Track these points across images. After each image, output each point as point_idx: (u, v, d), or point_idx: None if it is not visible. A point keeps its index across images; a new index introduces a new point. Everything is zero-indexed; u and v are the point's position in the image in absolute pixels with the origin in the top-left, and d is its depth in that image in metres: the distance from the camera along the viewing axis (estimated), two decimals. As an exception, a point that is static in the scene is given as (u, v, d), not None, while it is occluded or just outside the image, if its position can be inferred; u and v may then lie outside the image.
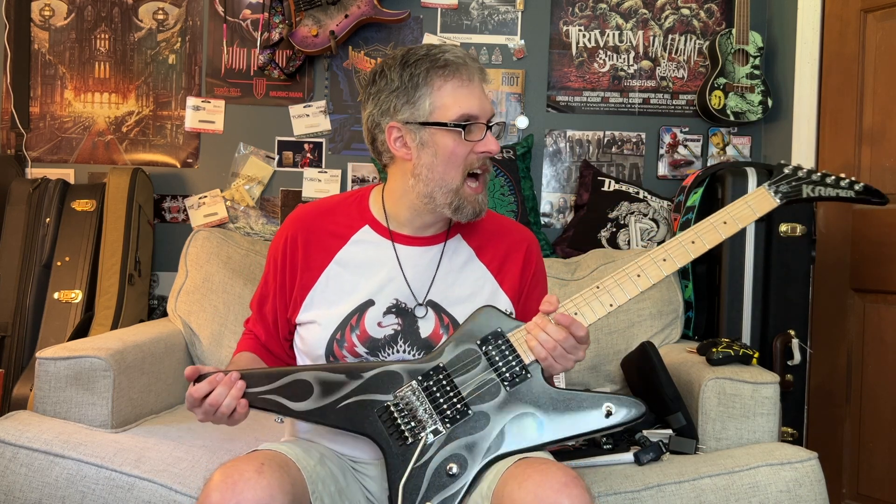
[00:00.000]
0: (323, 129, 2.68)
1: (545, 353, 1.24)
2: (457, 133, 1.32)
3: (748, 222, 1.33)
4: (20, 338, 2.32)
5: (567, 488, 1.10)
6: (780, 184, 1.36)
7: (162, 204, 2.66)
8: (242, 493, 1.10)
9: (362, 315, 1.39)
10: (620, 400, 1.23)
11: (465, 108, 1.33)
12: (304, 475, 1.21)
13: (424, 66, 1.33)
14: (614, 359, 2.17)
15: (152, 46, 2.68)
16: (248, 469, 1.13)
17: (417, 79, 1.33)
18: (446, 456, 1.21)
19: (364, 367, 1.29)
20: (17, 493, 1.54)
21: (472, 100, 1.33)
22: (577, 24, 2.69)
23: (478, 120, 1.34)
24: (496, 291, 1.44)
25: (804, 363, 2.26)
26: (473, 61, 1.36)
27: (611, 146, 2.70)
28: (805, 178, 1.37)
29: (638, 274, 1.29)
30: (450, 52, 1.34)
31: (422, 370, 1.27)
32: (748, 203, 1.33)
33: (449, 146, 1.34)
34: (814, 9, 2.43)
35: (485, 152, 1.35)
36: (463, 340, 1.29)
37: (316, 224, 1.46)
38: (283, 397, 1.25)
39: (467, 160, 1.35)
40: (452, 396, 1.25)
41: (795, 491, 1.57)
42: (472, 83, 1.34)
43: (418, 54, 1.35)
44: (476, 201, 1.37)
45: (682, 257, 1.30)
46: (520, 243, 1.48)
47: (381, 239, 1.44)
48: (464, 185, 1.36)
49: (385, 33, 2.67)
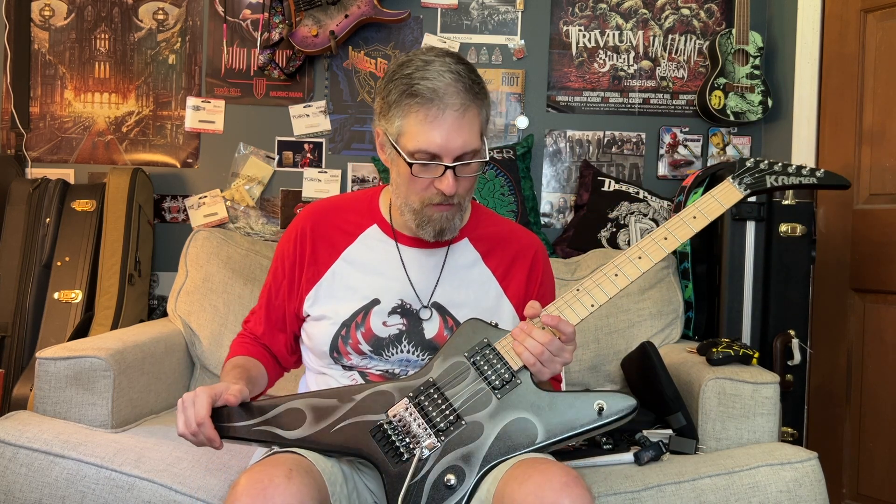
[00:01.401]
0: (323, 129, 2.68)
1: (533, 359, 1.24)
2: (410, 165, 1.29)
3: (717, 215, 1.37)
4: (20, 338, 2.32)
5: (568, 488, 1.10)
6: (744, 176, 1.41)
7: (162, 204, 2.66)
8: (273, 499, 1.08)
9: (368, 313, 1.39)
10: (610, 395, 1.23)
11: (423, 145, 1.26)
12: (325, 478, 1.20)
13: (399, 89, 1.28)
14: (614, 359, 2.17)
15: (152, 46, 2.68)
16: (278, 474, 1.11)
17: (391, 97, 1.30)
18: (443, 468, 1.20)
19: (354, 389, 1.28)
20: (17, 493, 1.54)
21: (433, 136, 1.26)
22: (577, 24, 2.69)
23: (438, 158, 1.27)
24: (500, 297, 1.44)
25: (804, 363, 2.25)
26: (455, 94, 1.26)
27: (611, 146, 2.70)
28: (767, 169, 1.41)
29: (616, 273, 1.31)
30: (431, 80, 1.26)
31: (412, 387, 1.27)
32: (715, 197, 1.38)
33: (405, 174, 1.31)
34: (814, 9, 2.43)
35: (439, 191, 1.30)
36: (451, 354, 1.29)
37: (326, 219, 1.46)
38: (276, 427, 1.24)
39: (426, 191, 1.31)
40: (444, 409, 1.24)
41: (795, 491, 1.57)
42: (441, 118, 1.25)
43: (402, 72, 1.29)
44: (441, 220, 1.34)
45: (656, 253, 1.33)
46: (527, 249, 1.48)
47: (387, 239, 1.44)
48: (424, 207, 1.33)
49: (385, 33, 2.67)
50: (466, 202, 1.39)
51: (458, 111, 1.26)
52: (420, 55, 1.31)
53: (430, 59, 1.29)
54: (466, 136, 1.27)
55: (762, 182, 1.41)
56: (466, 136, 1.27)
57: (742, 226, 2.22)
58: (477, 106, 1.29)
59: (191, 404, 1.21)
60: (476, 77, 1.31)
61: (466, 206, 1.41)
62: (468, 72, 1.30)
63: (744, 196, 1.39)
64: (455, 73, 1.27)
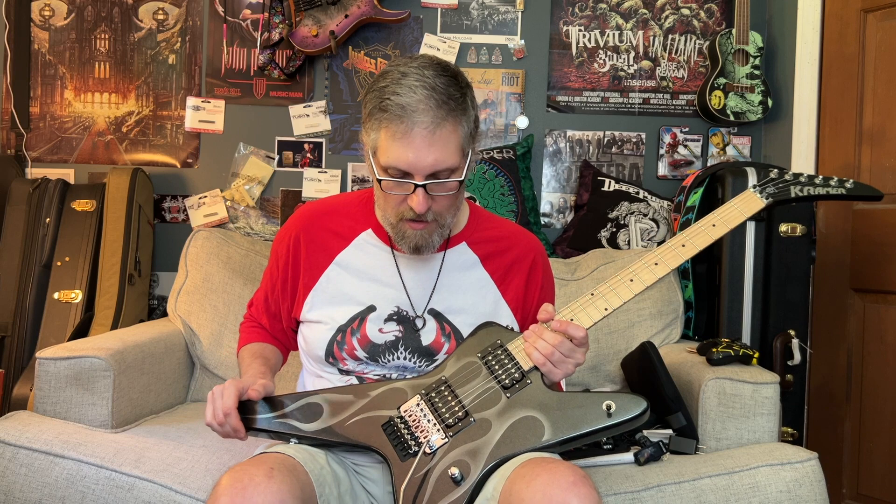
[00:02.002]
0: (323, 129, 2.68)
1: (543, 359, 1.25)
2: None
3: (737, 223, 1.37)
4: (20, 338, 2.32)
5: (576, 487, 1.10)
6: (767, 185, 1.40)
7: (162, 204, 2.66)
8: (252, 499, 1.09)
9: (364, 320, 1.39)
10: (621, 398, 1.23)
11: (393, 161, 1.24)
12: (312, 478, 1.21)
13: (373, 102, 1.26)
14: (614, 359, 2.17)
15: (152, 46, 2.68)
16: (258, 473, 1.12)
17: (367, 109, 1.28)
18: (450, 463, 1.21)
19: (371, 386, 1.32)
20: (17, 493, 1.54)
21: (403, 153, 1.22)
22: (577, 24, 2.69)
23: (409, 175, 1.24)
24: (498, 301, 1.43)
25: (804, 363, 2.26)
26: (425, 111, 1.21)
27: (611, 146, 2.70)
28: (792, 180, 1.41)
29: (631, 279, 1.32)
30: (401, 95, 1.21)
31: (425, 384, 1.30)
32: (735, 206, 1.38)
33: (379, 188, 1.31)
34: (814, 9, 2.43)
35: (411, 207, 1.27)
36: (464, 354, 1.32)
37: (319, 223, 1.46)
38: (295, 420, 1.28)
39: (400, 206, 1.29)
40: (454, 405, 1.26)
41: (795, 491, 1.57)
42: (409, 137, 1.21)
43: (378, 84, 1.26)
44: (416, 237, 1.31)
45: (673, 260, 1.34)
46: (526, 253, 1.47)
47: (382, 244, 1.43)
48: (399, 222, 1.31)
49: (385, 33, 2.67)
50: (448, 218, 1.33)
51: (428, 128, 1.21)
52: (400, 66, 1.26)
53: (408, 70, 1.24)
54: (438, 153, 1.22)
55: (786, 192, 1.39)
56: (438, 154, 1.22)
57: (742, 226, 2.21)
58: (453, 121, 1.23)
59: (219, 396, 1.24)
60: (455, 91, 1.24)
61: (449, 222, 1.34)
62: (447, 85, 1.23)
63: (766, 205, 1.38)
64: (429, 89, 1.22)
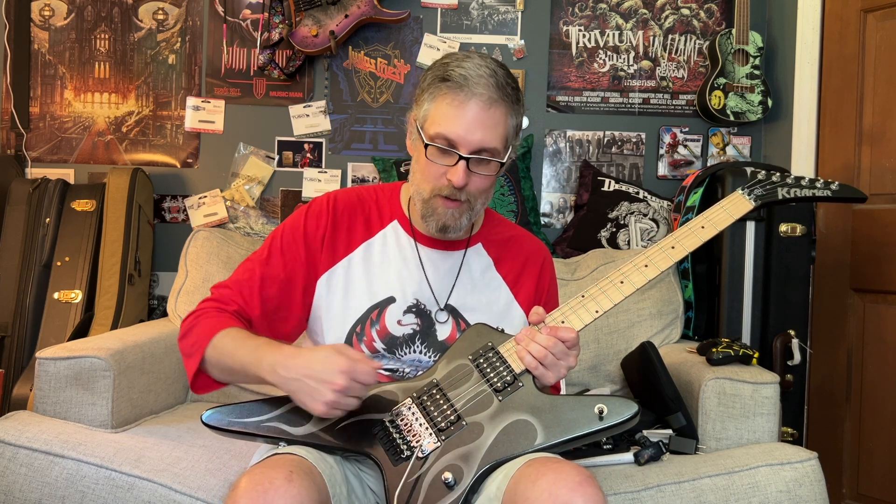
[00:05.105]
0: (323, 129, 2.68)
1: (535, 363, 1.25)
2: (426, 149, 1.31)
3: (725, 225, 1.38)
4: (20, 338, 2.32)
5: (581, 486, 1.10)
6: (755, 187, 1.41)
7: (162, 204, 2.66)
8: (273, 502, 1.07)
9: (383, 311, 1.39)
10: (612, 401, 1.23)
11: (444, 129, 1.28)
12: (325, 479, 1.20)
13: (434, 74, 1.31)
14: (614, 359, 2.17)
15: (152, 46, 2.68)
16: (278, 477, 1.10)
17: (426, 83, 1.33)
18: (442, 467, 1.20)
19: None
20: (17, 493, 1.54)
21: (455, 123, 1.27)
22: (577, 24, 2.69)
23: (455, 147, 1.28)
24: (511, 303, 1.45)
25: (804, 363, 2.26)
26: (485, 85, 1.27)
27: (611, 146, 2.70)
28: (779, 181, 1.42)
29: (621, 281, 1.32)
30: (465, 68, 1.28)
31: (416, 387, 1.29)
32: (724, 207, 1.38)
33: (422, 158, 1.32)
34: (814, 9, 2.43)
35: (449, 183, 1.30)
36: (456, 357, 1.31)
37: (350, 208, 1.45)
38: (283, 423, 1.25)
39: (438, 181, 1.31)
40: (446, 409, 1.25)
41: (795, 491, 1.57)
42: (465, 107, 1.27)
43: (441, 61, 1.33)
44: (446, 215, 1.33)
45: (663, 262, 1.34)
46: (536, 256, 1.50)
47: (406, 237, 1.44)
48: (434, 197, 1.33)
49: (385, 33, 2.67)
50: (479, 204, 1.35)
51: (485, 102, 1.27)
52: (464, 53, 1.34)
53: (472, 55, 1.32)
54: (488, 132, 1.27)
55: (773, 194, 1.41)
56: (487, 132, 1.27)
57: (742, 226, 2.22)
58: (505, 106, 1.29)
59: (360, 358, 1.19)
60: (512, 81, 1.31)
61: (478, 209, 1.37)
62: (506, 76, 1.30)
63: (754, 207, 1.39)
64: (491, 70, 1.28)
